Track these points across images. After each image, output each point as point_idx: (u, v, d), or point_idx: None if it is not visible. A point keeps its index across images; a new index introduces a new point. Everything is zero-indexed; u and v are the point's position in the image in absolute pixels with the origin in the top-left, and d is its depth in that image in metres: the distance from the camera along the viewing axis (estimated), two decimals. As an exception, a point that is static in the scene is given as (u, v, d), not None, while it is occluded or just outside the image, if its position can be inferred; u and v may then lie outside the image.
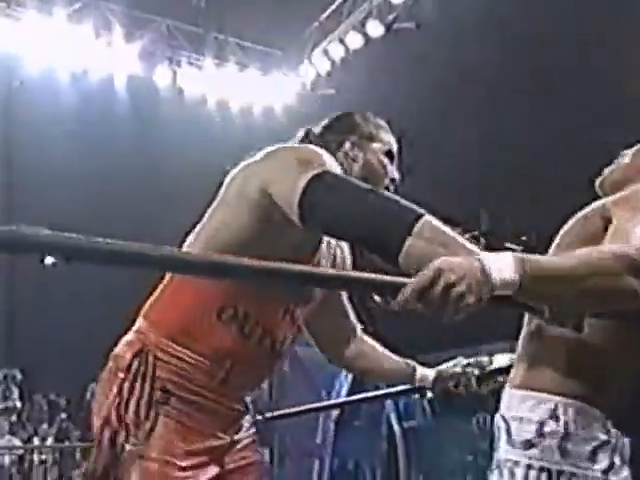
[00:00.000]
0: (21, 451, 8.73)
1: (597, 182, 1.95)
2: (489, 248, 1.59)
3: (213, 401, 1.97)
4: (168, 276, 2.07)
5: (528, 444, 1.62)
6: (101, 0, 9.60)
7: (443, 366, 2.41)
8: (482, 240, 7.33)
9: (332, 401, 7.77)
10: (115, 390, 1.96)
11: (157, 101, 10.98)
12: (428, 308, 1.37)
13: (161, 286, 2.09)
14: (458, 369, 2.38)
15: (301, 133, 2.17)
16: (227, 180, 2.02)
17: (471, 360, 2.38)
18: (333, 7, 10.14)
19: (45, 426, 9.50)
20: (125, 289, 10.53)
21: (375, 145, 2.12)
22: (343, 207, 1.66)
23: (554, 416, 1.61)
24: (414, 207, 1.64)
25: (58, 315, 10.00)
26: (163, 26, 10.31)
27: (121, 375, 1.98)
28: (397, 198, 1.69)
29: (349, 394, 8.95)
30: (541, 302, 1.50)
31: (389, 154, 2.15)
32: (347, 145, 2.09)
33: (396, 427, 10.99)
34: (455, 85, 8.12)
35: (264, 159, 1.92)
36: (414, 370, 2.42)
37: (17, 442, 8.84)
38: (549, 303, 1.50)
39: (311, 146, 1.97)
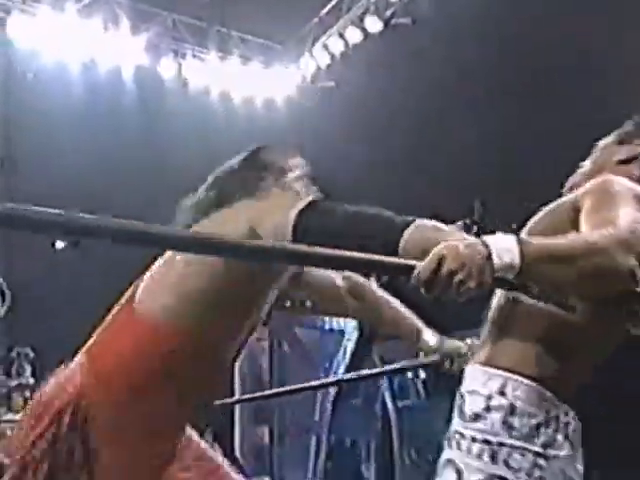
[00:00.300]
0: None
1: (565, 189, 1.98)
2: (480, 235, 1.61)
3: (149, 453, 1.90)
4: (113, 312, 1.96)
5: (475, 417, 1.63)
6: (109, -5, 9.73)
7: (449, 340, 2.37)
8: (474, 228, 7.45)
9: (329, 379, 7.93)
10: (45, 441, 1.84)
11: (162, 92, 11.08)
12: (432, 293, 1.41)
13: (109, 318, 2.00)
14: (462, 348, 2.34)
15: (210, 180, 2.25)
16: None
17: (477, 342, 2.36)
18: (333, 2, 10.24)
19: (55, 403, 9.64)
20: (133, 271, 10.66)
21: (289, 176, 2.17)
22: (337, 225, 1.67)
23: (502, 392, 1.62)
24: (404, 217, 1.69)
25: (69, 294, 10.12)
26: (168, 20, 10.41)
27: (50, 423, 1.89)
28: (386, 213, 1.72)
29: (346, 372, 9.10)
30: (541, 284, 1.49)
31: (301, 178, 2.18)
32: (269, 181, 2.14)
33: (390, 406, 11.14)
34: (451, 82, 8.19)
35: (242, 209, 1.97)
36: (419, 330, 2.38)
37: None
38: (548, 284, 1.50)
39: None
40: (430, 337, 2.37)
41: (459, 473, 1.61)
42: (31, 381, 10.51)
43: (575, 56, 7.76)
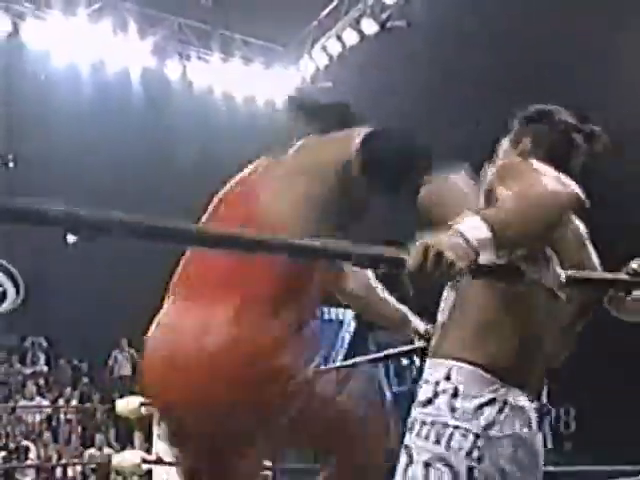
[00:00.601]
0: (49, 410, 9.07)
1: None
2: None
3: None
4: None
5: (426, 402, 1.68)
6: (118, 0, 9.87)
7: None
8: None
9: (329, 366, 8.05)
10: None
11: (168, 92, 11.22)
12: (425, 279, 1.41)
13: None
14: None
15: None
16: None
17: None
18: (332, 6, 10.35)
19: (69, 389, 9.85)
20: (144, 262, 10.85)
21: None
22: (397, 150, 1.74)
23: (448, 377, 1.67)
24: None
25: (81, 286, 10.28)
26: (174, 24, 10.54)
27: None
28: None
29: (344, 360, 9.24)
30: (514, 247, 1.53)
31: None
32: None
33: (387, 392, 11.28)
34: (443, 83, 8.27)
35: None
36: (408, 318, 2.35)
37: (45, 403, 9.17)
38: (519, 245, 1.53)
39: None
40: (419, 324, 2.33)
41: (410, 456, 1.66)
42: (45, 369, 10.73)
43: (565, 53, 7.82)
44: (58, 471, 8.11)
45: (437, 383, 1.69)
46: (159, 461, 4.47)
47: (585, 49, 7.65)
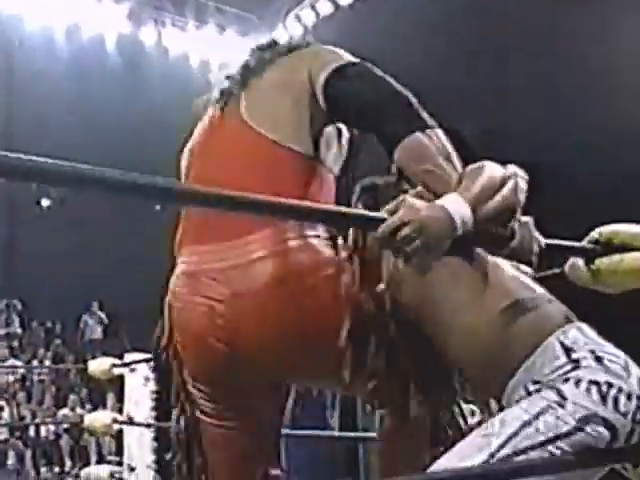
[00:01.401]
0: (22, 371, 9.01)
1: None
2: None
3: None
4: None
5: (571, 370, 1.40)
6: (93, -36, 9.65)
7: None
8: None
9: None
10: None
11: (144, 58, 11.05)
12: (390, 247, 1.34)
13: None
14: None
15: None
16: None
17: None
18: (306, -25, 10.24)
19: (42, 350, 9.78)
20: (114, 225, 10.78)
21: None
22: (363, 95, 1.55)
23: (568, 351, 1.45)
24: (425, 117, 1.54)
25: (54, 249, 10.18)
26: (149, -12, 10.36)
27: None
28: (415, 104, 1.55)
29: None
30: (490, 222, 1.44)
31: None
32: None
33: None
34: (416, 54, 8.23)
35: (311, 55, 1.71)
36: None
37: (19, 364, 9.11)
38: (493, 220, 1.44)
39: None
40: None
41: (562, 396, 1.38)
42: (19, 331, 10.63)
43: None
44: (31, 431, 8.08)
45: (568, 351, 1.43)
46: (130, 421, 4.45)
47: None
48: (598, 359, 1.40)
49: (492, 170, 1.48)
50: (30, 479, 6.31)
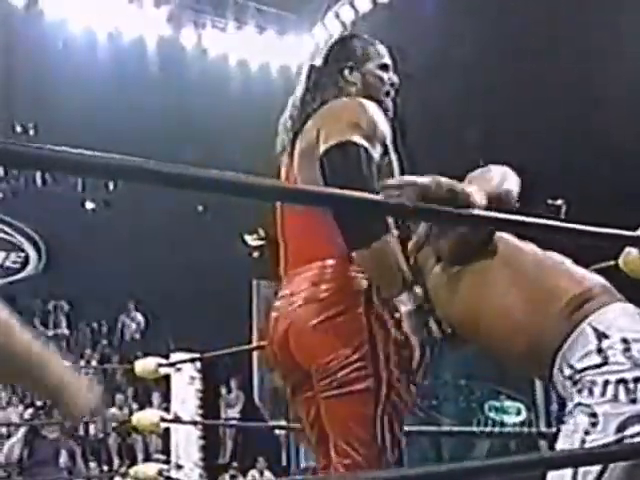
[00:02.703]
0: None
1: None
2: None
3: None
4: (293, 217, 1.98)
5: (601, 362, 1.44)
6: (133, -32, 9.79)
7: None
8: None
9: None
10: (363, 326, 1.80)
11: (183, 60, 11.18)
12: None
13: (297, 227, 1.98)
14: None
15: (306, 69, 2.14)
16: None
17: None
18: (344, -27, 10.24)
19: (89, 351, 9.96)
20: (157, 230, 10.94)
21: (369, 64, 2.12)
22: (342, 182, 1.67)
23: (604, 334, 1.47)
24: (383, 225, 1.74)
25: (101, 251, 10.35)
26: (189, -9, 10.47)
27: (359, 310, 1.82)
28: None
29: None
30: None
31: (384, 67, 2.13)
32: (346, 72, 2.09)
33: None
34: (454, 50, 8.18)
35: (334, 109, 1.95)
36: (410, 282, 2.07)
37: (68, 363, 9.28)
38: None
39: (361, 102, 1.96)
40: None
41: (594, 416, 1.41)
42: (66, 332, 10.85)
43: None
44: (80, 430, 8.24)
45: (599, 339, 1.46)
46: (177, 420, 4.52)
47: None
48: (627, 349, 1.41)
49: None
50: (81, 476, 6.44)
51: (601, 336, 1.44)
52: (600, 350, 1.44)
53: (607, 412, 1.40)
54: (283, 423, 8.13)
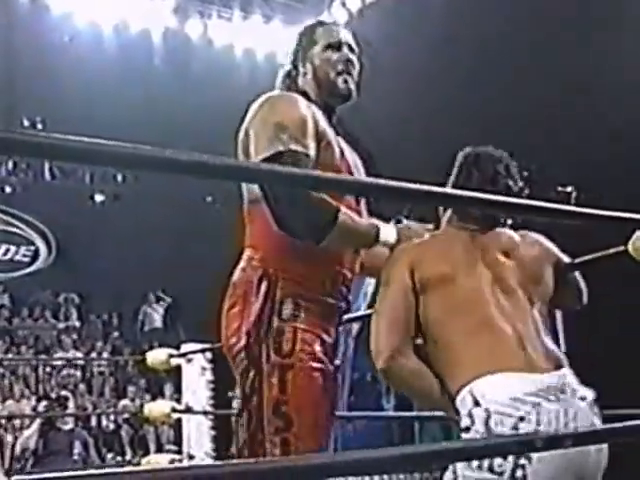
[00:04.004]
0: (82, 363, 9.25)
1: None
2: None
3: (329, 304, 1.88)
4: (246, 208, 1.96)
5: (465, 430, 1.68)
6: (138, -40, 9.79)
7: (408, 226, 1.97)
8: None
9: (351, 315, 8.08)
10: (253, 314, 1.82)
11: (190, 51, 11.19)
12: None
13: (247, 217, 1.97)
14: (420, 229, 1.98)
15: (282, 73, 2.08)
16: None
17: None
18: (350, -39, 10.20)
19: (100, 343, 10.02)
20: (167, 221, 10.96)
21: (315, 48, 2.01)
22: (282, 192, 1.73)
23: (476, 401, 1.68)
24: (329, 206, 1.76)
25: (110, 243, 10.39)
26: (194, -18, 10.46)
27: (253, 299, 1.83)
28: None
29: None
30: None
31: (329, 47, 2.01)
32: (299, 66, 2.03)
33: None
34: (460, 39, 8.14)
35: (257, 111, 1.90)
36: (378, 230, 1.93)
37: (80, 355, 9.35)
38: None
39: (296, 102, 1.91)
40: (387, 233, 1.89)
41: (455, 475, 1.65)
42: (77, 324, 10.91)
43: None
44: (93, 420, 8.30)
45: (470, 413, 1.68)
46: (189, 410, 4.55)
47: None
48: (487, 419, 1.60)
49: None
50: (94, 466, 6.50)
51: (476, 403, 1.63)
52: (470, 415, 1.63)
53: (465, 475, 1.62)
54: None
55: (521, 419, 1.58)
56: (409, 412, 5.54)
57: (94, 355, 9.71)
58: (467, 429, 1.63)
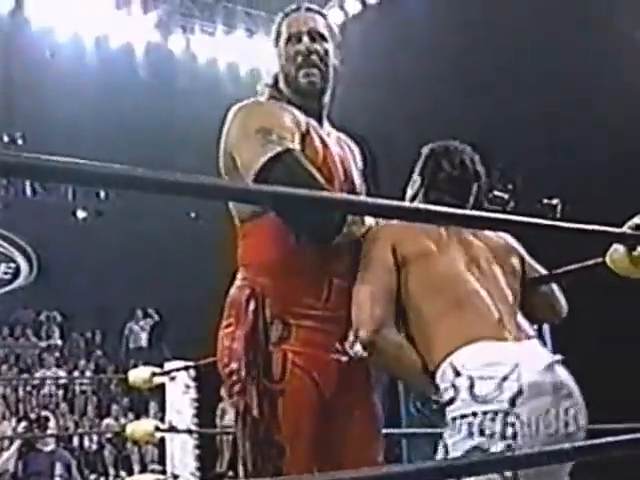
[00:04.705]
0: (65, 382, 9.17)
1: None
2: None
3: (326, 317, 1.81)
4: (238, 225, 1.91)
5: (450, 401, 1.70)
6: (120, -26, 9.80)
7: None
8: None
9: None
10: (243, 337, 1.79)
11: (172, 66, 11.19)
12: None
13: (240, 235, 1.92)
14: None
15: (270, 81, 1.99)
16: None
17: None
18: (334, -25, 10.26)
19: (83, 362, 9.94)
20: (150, 237, 10.92)
21: (280, 44, 1.94)
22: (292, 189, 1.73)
23: (457, 372, 1.68)
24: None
25: (92, 261, 10.34)
26: (177, -3, 10.48)
27: (243, 320, 1.80)
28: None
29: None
30: None
31: (289, 40, 1.92)
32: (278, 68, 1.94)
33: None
34: (445, 52, 8.19)
35: (230, 127, 1.85)
36: None
37: (63, 374, 9.28)
38: None
39: (267, 105, 1.88)
40: None
41: (446, 449, 1.67)
42: (59, 342, 10.82)
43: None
44: (75, 441, 8.22)
45: (454, 385, 1.69)
46: (172, 429, 4.52)
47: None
48: (471, 386, 1.63)
49: None
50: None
51: (456, 373, 1.66)
52: (452, 387, 1.65)
53: (454, 446, 1.63)
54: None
55: (504, 379, 1.62)
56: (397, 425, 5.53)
57: (76, 374, 9.63)
58: (451, 401, 1.65)
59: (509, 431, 1.59)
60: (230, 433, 9.93)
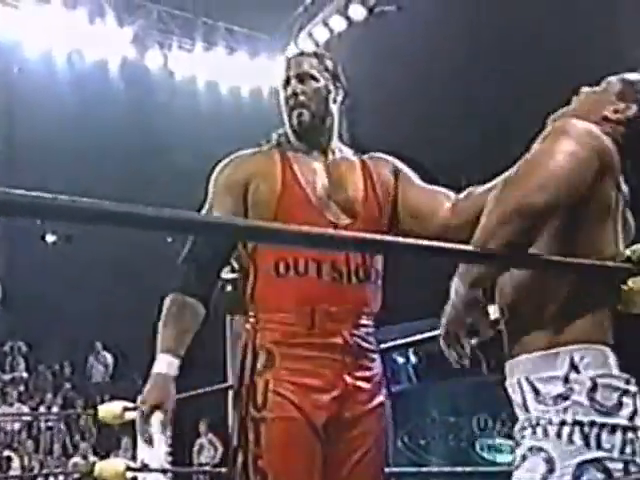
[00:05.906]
0: (30, 418, 8.96)
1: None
2: None
3: (314, 345, 1.92)
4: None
5: (559, 398, 1.52)
6: (94, -13, 9.73)
7: None
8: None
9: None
10: (237, 368, 2.05)
11: (149, 83, 11.13)
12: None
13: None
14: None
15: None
16: None
17: None
18: (317, -8, 10.29)
19: (50, 395, 9.72)
20: (121, 264, 10.79)
21: (280, 90, 2.16)
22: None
23: (576, 368, 1.52)
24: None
25: (60, 289, 10.20)
26: (154, 12, 10.42)
27: (238, 352, 2.08)
28: None
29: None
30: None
31: (285, 83, 2.14)
32: None
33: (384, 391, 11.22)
34: (432, 71, 8.25)
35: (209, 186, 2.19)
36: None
37: (26, 409, 9.07)
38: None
39: (223, 166, 2.18)
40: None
41: (550, 462, 1.49)
42: (25, 375, 10.60)
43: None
44: (40, 482, 8.01)
45: (566, 378, 1.53)
46: (144, 468, 4.37)
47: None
48: (592, 389, 1.50)
49: None
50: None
51: (573, 367, 1.53)
52: (567, 380, 1.52)
53: (563, 456, 1.48)
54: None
55: (625, 392, 1.54)
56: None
57: (42, 409, 9.43)
58: (563, 397, 1.50)
59: (628, 449, 1.51)
60: (208, 472, 9.75)
